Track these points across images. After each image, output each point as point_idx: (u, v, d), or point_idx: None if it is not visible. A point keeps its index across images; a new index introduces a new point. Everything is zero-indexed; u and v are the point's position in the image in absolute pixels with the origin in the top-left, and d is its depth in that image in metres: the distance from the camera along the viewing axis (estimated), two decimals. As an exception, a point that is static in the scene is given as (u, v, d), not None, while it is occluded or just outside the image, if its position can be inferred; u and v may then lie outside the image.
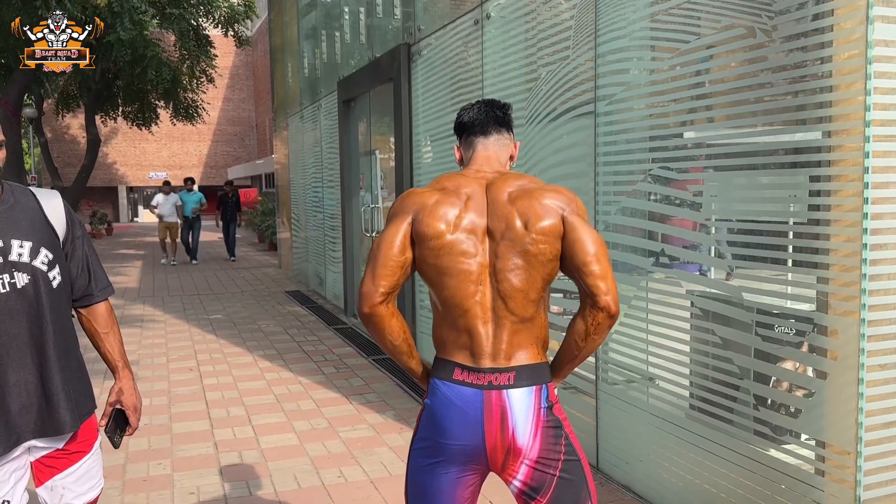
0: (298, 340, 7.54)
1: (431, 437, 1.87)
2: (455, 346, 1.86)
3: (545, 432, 1.83)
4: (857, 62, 2.43)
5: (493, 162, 1.98)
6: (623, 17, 3.55)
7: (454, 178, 1.93)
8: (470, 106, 2.08)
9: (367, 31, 8.02)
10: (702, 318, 3.20)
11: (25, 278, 1.93)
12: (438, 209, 1.84)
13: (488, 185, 1.89)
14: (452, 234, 1.83)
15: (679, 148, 3.31)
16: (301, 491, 3.74)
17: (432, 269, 1.85)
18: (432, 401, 1.87)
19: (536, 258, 1.81)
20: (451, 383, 1.84)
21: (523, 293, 1.82)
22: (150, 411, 5.13)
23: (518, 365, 1.83)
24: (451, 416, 1.82)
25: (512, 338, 1.82)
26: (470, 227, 1.84)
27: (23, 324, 1.92)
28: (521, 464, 1.83)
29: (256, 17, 22.17)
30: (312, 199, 10.97)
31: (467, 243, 1.83)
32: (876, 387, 2.50)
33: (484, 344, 1.83)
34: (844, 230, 2.51)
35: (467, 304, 1.83)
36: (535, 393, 1.83)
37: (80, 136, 32.94)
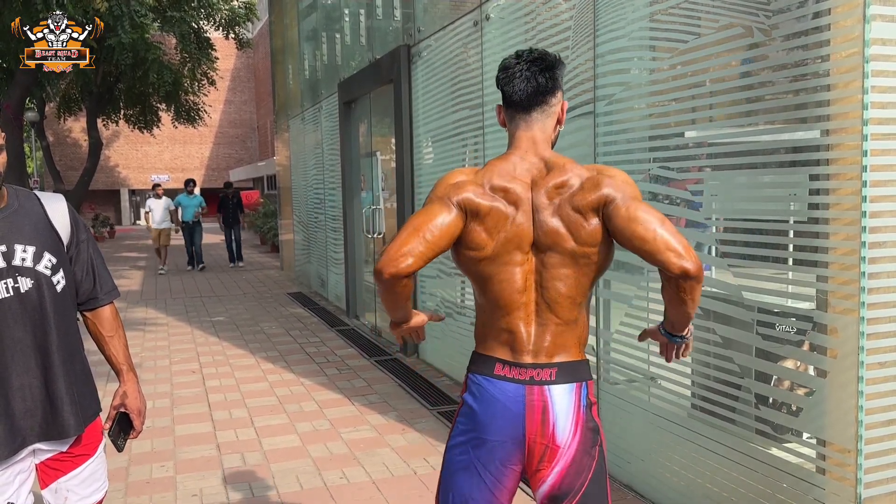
0: (300, 342, 7.55)
1: (471, 433, 1.84)
2: (496, 342, 1.85)
3: (584, 433, 1.81)
4: (854, 61, 2.43)
5: (538, 143, 1.86)
6: (622, 17, 3.55)
7: (503, 175, 1.82)
8: (512, 65, 1.87)
9: (367, 33, 8.03)
10: (703, 318, 3.20)
11: (29, 283, 1.94)
12: (488, 219, 1.79)
13: (533, 186, 1.81)
14: (498, 246, 1.80)
15: (678, 147, 3.32)
16: (303, 492, 3.75)
17: (474, 273, 1.84)
18: (472, 397, 1.86)
19: (586, 265, 1.80)
20: (493, 378, 1.83)
21: (570, 298, 1.81)
22: (153, 414, 5.14)
23: (560, 361, 1.82)
24: (493, 411, 1.81)
25: (555, 338, 1.82)
26: (516, 240, 1.79)
27: (27, 328, 1.93)
28: (557, 464, 1.80)
29: (257, 19, 22.21)
30: (314, 201, 10.99)
31: (513, 254, 1.79)
32: (876, 385, 2.50)
33: (526, 341, 1.82)
34: (843, 228, 2.51)
35: (511, 308, 1.82)
36: (576, 390, 1.82)
37: (82, 140, 32.99)
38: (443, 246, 1.78)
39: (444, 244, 1.78)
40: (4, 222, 1.93)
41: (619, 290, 3.76)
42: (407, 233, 1.75)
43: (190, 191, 14.73)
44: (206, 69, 21.17)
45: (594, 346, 3.90)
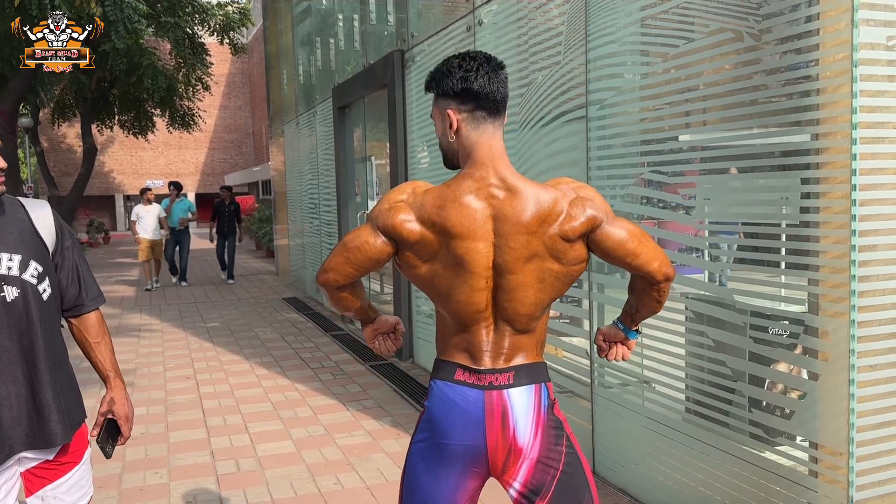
0: (295, 347, 7.54)
1: (432, 439, 1.85)
2: (457, 349, 1.85)
3: (546, 432, 1.82)
4: (843, 65, 2.45)
5: (497, 160, 1.76)
6: (614, 22, 3.57)
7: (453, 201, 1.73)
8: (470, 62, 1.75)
9: (361, 38, 8.05)
10: (696, 321, 3.21)
11: (15, 292, 1.93)
12: (418, 248, 1.76)
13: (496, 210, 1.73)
14: (439, 270, 1.77)
15: (671, 151, 3.33)
16: (298, 498, 3.74)
17: (429, 290, 1.83)
18: (433, 402, 1.86)
19: (555, 284, 1.80)
20: (453, 384, 1.83)
21: (529, 315, 1.80)
22: (147, 420, 5.13)
23: (517, 364, 1.82)
24: (454, 417, 1.81)
25: (513, 343, 1.82)
26: (467, 265, 1.74)
27: (13, 337, 1.93)
28: (522, 464, 1.81)
29: (251, 24, 22.23)
30: (309, 206, 10.99)
31: (464, 277, 1.75)
32: (867, 387, 2.51)
33: (483, 349, 1.82)
34: (833, 232, 2.52)
35: (469, 323, 1.81)
36: (534, 391, 1.82)
37: (77, 146, 32.92)
38: (368, 266, 1.81)
39: (368, 265, 1.81)
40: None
41: (612, 294, 3.77)
42: (336, 250, 1.83)
43: (176, 195, 12.89)
44: (201, 74, 21.15)
45: (587, 350, 3.91)
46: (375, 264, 1.82)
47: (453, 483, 1.85)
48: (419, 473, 1.88)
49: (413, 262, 1.79)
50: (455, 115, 1.76)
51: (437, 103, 1.81)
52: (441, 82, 1.77)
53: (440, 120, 1.82)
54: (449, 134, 1.79)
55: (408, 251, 1.78)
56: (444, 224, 1.72)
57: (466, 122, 1.76)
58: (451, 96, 1.77)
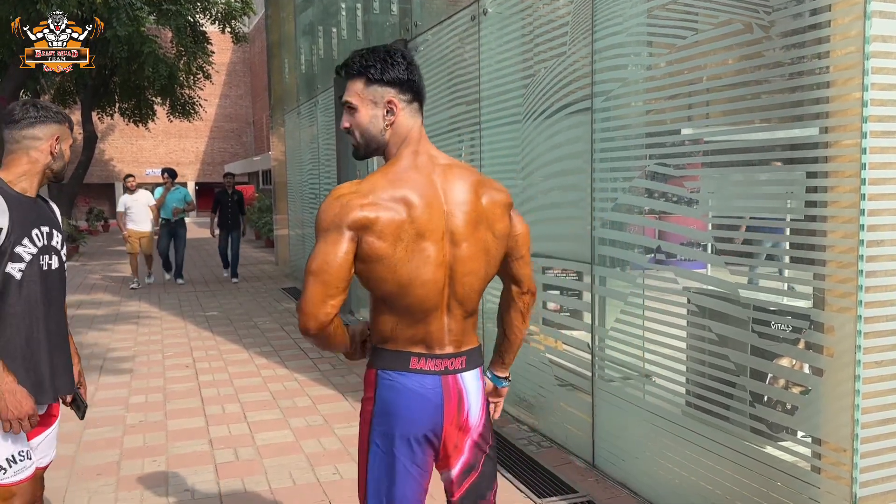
0: (295, 337, 7.52)
1: (392, 430, 1.85)
2: (409, 340, 1.85)
3: (485, 411, 1.96)
4: (854, 58, 2.42)
5: (428, 143, 1.88)
6: (620, 13, 3.53)
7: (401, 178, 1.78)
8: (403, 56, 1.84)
9: (363, 27, 8.00)
10: (698, 315, 3.19)
11: (58, 261, 2.35)
12: (385, 229, 1.73)
13: (442, 180, 1.82)
14: (412, 248, 1.76)
15: (676, 144, 3.30)
16: (296, 487, 3.72)
17: (390, 284, 1.78)
18: (385, 393, 1.85)
19: (495, 259, 1.90)
20: (408, 373, 1.84)
21: (478, 293, 1.89)
22: (146, 408, 5.11)
23: (467, 349, 1.90)
24: (411, 405, 1.83)
25: (463, 328, 1.89)
26: (426, 234, 1.76)
27: (61, 296, 2.38)
28: (466, 443, 1.91)
29: (253, 13, 22.11)
30: (309, 196, 10.96)
31: (427, 251, 1.77)
32: (872, 383, 2.49)
33: (440, 335, 1.86)
34: (841, 226, 2.50)
35: (429, 308, 1.81)
36: (479, 374, 1.95)
37: (77, 133, 32.78)
38: (349, 277, 1.77)
39: (349, 276, 1.76)
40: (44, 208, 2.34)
41: (614, 288, 3.75)
42: (311, 285, 1.73)
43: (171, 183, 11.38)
44: (202, 63, 21.08)
45: (588, 343, 3.89)
46: (352, 269, 1.76)
47: (419, 472, 1.88)
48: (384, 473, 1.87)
49: (377, 251, 1.74)
50: (398, 104, 1.82)
51: (372, 90, 1.81)
52: (385, 71, 1.80)
53: (371, 107, 1.82)
54: (386, 120, 1.82)
55: (373, 238, 1.73)
56: (403, 195, 1.76)
57: (405, 111, 1.84)
58: (393, 85, 1.82)
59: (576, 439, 4.06)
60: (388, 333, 1.86)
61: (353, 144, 1.89)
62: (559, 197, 4.19)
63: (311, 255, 1.76)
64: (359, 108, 1.83)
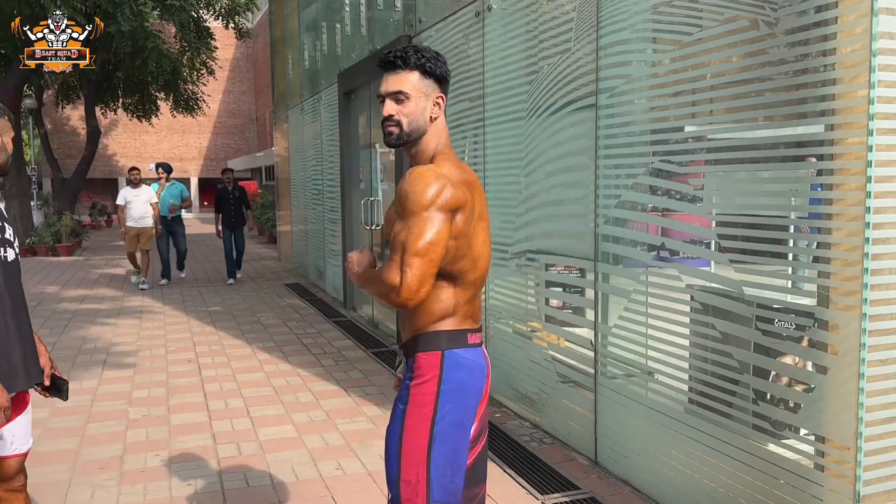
0: (297, 333, 7.53)
1: (463, 407, 1.96)
2: (463, 317, 2.00)
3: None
4: (860, 55, 2.41)
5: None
6: (625, 10, 3.52)
7: (460, 164, 2.02)
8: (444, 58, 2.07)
9: (367, 23, 7.99)
10: (702, 313, 3.18)
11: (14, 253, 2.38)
12: (474, 206, 1.96)
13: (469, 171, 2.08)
14: (477, 226, 1.98)
15: (680, 141, 3.29)
16: (299, 483, 3.73)
17: (467, 259, 1.95)
18: (457, 371, 1.96)
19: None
20: (468, 348, 1.99)
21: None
22: (149, 403, 5.12)
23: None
24: (475, 379, 2.00)
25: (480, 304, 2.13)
26: (482, 217, 2.02)
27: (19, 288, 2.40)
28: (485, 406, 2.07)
29: (257, 9, 22.11)
30: (312, 192, 10.95)
31: (485, 230, 2.03)
32: (876, 382, 2.48)
33: (480, 309, 2.09)
34: (847, 224, 2.49)
35: (483, 282, 2.04)
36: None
37: (80, 128, 32.85)
38: (443, 256, 1.91)
39: (444, 255, 1.91)
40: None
41: (617, 285, 3.74)
42: (419, 264, 1.83)
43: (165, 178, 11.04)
44: (206, 58, 21.08)
45: (591, 340, 3.88)
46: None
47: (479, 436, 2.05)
48: (454, 445, 1.96)
49: (463, 229, 1.92)
50: (444, 100, 2.04)
51: (426, 84, 1.99)
52: (438, 68, 2.00)
53: (423, 99, 1.99)
54: (434, 113, 2.00)
55: (460, 217, 1.91)
56: (465, 179, 1.97)
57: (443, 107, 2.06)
58: (441, 82, 2.03)
59: (578, 436, 4.06)
60: (450, 310, 1.97)
61: (393, 132, 1.99)
62: (563, 194, 4.18)
63: (413, 236, 1.84)
64: (412, 97, 1.97)
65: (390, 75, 1.98)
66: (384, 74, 2.01)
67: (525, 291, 4.56)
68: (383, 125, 2.01)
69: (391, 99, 1.98)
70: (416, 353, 1.98)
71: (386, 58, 1.99)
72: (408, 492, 1.96)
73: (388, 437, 2.01)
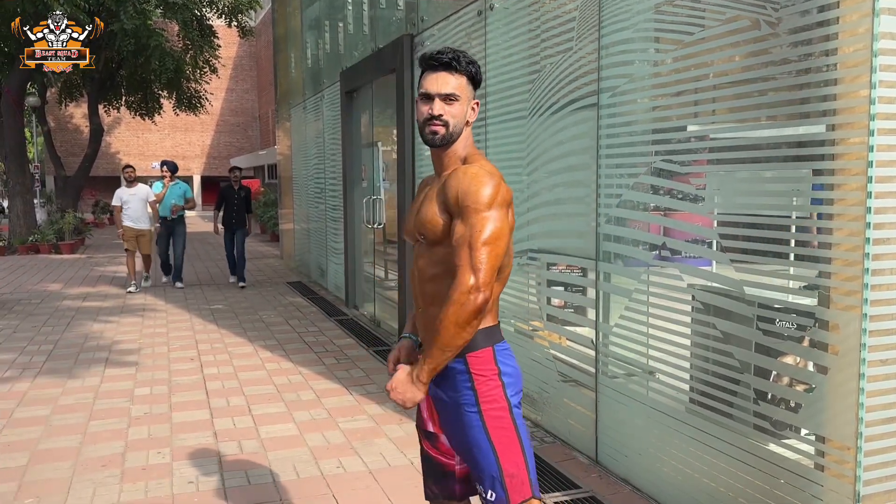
0: (299, 331, 7.54)
1: (520, 391, 2.07)
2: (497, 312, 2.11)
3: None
4: (862, 55, 2.41)
5: None
6: (627, 9, 3.52)
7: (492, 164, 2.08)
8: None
9: (370, 22, 7.99)
10: (703, 312, 3.19)
11: None
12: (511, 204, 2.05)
13: None
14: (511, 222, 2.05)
15: (682, 141, 3.29)
16: (300, 481, 3.74)
17: (510, 253, 2.05)
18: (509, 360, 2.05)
19: None
20: (504, 339, 2.10)
21: None
22: (150, 400, 5.14)
23: None
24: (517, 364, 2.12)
25: None
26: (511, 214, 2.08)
27: None
28: None
29: (260, 7, 22.14)
30: (315, 191, 10.96)
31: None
32: (877, 382, 2.48)
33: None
34: (847, 224, 2.49)
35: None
36: None
37: (83, 126, 32.92)
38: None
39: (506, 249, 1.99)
40: None
41: (619, 284, 3.74)
42: (489, 256, 1.86)
43: (169, 177, 10.43)
44: (209, 57, 21.13)
45: (593, 339, 3.89)
46: None
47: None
48: (524, 426, 2.06)
49: (513, 223, 2.01)
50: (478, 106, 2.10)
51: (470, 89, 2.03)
52: (479, 75, 2.06)
53: (466, 102, 2.02)
54: (471, 117, 2.04)
55: (511, 212, 1.99)
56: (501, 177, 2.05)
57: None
58: (477, 88, 2.07)
59: (579, 435, 4.06)
60: (491, 307, 2.03)
61: (438, 132, 1.99)
62: (564, 193, 4.18)
63: (480, 233, 1.87)
64: (460, 100, 1.99)
65: (441, 76, 1.98)
66: (431, 73, 2.00)
67: (527, 290, 4.57)
68: (427, 123, 1.99)
69: (440, 99, 1.98)
70: (466, 354, 1.98)
71: (440, 58, 1.98)
72: (514, 484, 1.98)
73: (472, 442, 1.99)
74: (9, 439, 4.36)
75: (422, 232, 2.01)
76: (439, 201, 1.97)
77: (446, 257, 1.94)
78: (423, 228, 1.99)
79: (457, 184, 1.92)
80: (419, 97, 2.03)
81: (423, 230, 2.00)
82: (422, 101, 2.01)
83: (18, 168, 16.81)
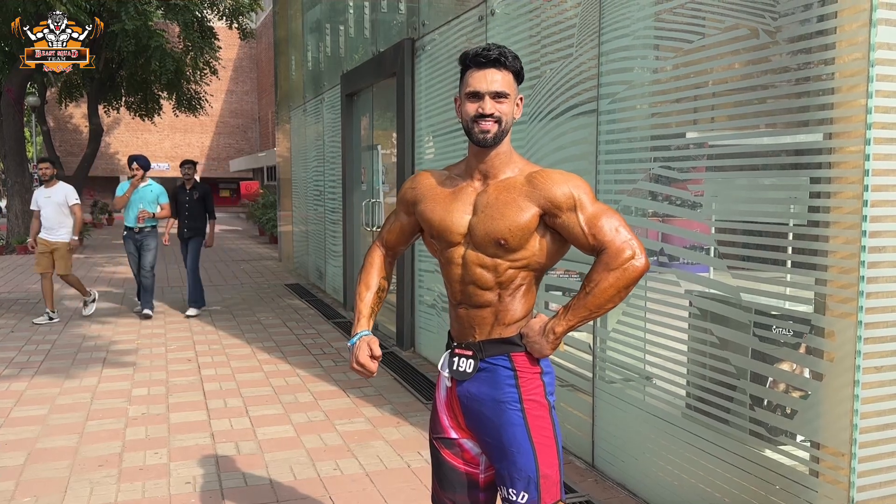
0: (297, 333, 7.55)
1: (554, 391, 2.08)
2: None
3: None
4: (859, 65, 2.43)
5: None
6: (627, 16, 3.54)
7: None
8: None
9: (371, 26, 8.02)
10: (700, 318, 3.20)
11: None
12: None
13: None
14: None
15: (680, 148, 3.31)
16: (297, 482, 3.75)
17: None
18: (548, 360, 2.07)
19: None
20: None
21: None
22: (148, 401, 5.14)
23: None
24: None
25: None
26: None
27: None
28: None
29: (261, 9, 22.16)
30: (314, 193, 10.98)
31: None
32: (871, 389, 2.50)
33: None
34: (843, 232, 2.51)
35: None
36: None
37: (83, 126, 32.93)
38: None
39: None
40: None
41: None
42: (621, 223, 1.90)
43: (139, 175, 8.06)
44: (209, 58, 21.15)
45: (590, 344, 3.90)
46: None
47: None
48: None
49: None
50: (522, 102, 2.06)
51: (516, 86, 1.99)
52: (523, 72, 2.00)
53: (513, 99, 1.97)
54: (517, 114, 2.00)
55: None
56: None
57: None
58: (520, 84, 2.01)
59: (576, 440, 4.07)
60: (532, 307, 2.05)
61: (492, 129, 1.92)
62: (563, 198, 4.19)
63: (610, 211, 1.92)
64: (510, 97, 1.95)
65: (489, 72, 1.91)
66: (477, 70, 1.92)
67: (524, 295, 4.57)
68: (476, 122, 1.92)
69: (490, 97, 1.91)
70: (511, 352, 1.99)
71: (487, 55, 1.91)
72: (547, 485, 1.95)
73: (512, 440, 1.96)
74: (6, 438, 4.37)
75: (506, 238, 1.91)
76: (532, 205, 1.90)
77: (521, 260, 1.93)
78: (510, 234, 1.90)
79: (558, 185, 1.90)
80: (465, 95, 1.94)
81: (508, 236, 1.90)
82: (468, 100, 1.93)
83: (17, 167, 16.81)
